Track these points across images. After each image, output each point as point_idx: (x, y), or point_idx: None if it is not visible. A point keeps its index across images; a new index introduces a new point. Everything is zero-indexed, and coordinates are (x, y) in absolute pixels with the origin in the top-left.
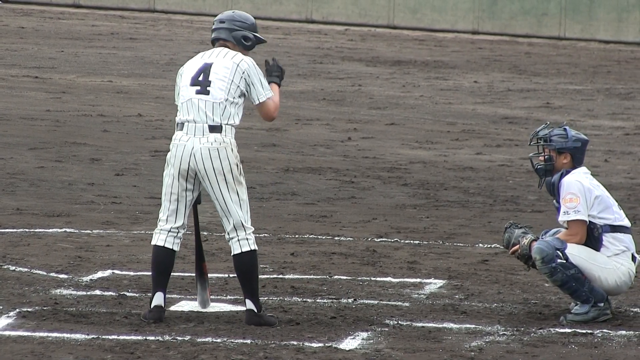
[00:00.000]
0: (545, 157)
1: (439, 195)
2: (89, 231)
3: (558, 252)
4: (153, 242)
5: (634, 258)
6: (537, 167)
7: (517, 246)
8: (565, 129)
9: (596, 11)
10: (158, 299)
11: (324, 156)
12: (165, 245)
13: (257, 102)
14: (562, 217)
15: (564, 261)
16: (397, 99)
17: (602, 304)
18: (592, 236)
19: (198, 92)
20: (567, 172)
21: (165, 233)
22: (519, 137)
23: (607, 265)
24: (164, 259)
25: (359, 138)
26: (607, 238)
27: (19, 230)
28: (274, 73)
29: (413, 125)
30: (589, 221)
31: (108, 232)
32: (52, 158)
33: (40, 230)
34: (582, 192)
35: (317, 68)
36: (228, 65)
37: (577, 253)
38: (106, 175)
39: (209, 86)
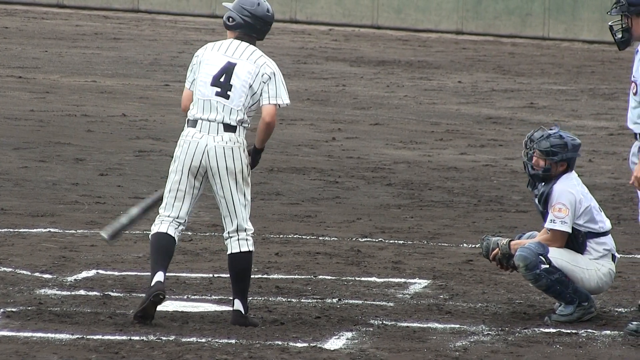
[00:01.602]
0: (545, 167)
1: (423, 195)
2: (73, 231)
3: (541, 257)
4: (152, 231)
5: (613, 257)
6: (533, 174)
7: (497, 250)
8: (561, 136)
9: (580, 11)
10: (159, 276)
11: (308, 156)
12: (168, 232)
13: (266, 102)
14: (548, 225)
15: (548, 266)
16: (381, 99)
17: (586, 303)
18: (576, 242)
19: (218, 94)
20: (559, 177)
21: (168, 222)
22: (503, 137)
23: (589, 266)
24: (165, 241)
25: (343, 138)
26: (591, 244)
27: (3, 230)
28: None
29: (397, 126)
30: (574, 228)
31: (92, 232)
32: (36, 158)
33: (25, 230)
34: (572, 204)
35: (301, 68)
36: (251, 70)
37: (559, 256)
38: (90, 175)
39: (230, 90)
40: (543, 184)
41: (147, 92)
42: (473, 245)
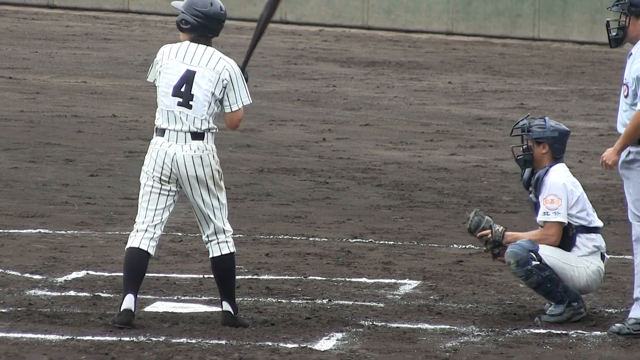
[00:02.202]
0: (524, 147)
1: (413, 196)
2: (63, 232)
3: (531, 253)
4: (127, 245)
5: (603, 257)
6: (517, 158)
7: (488, 231)
8: (544, 119)
9: (570, 12)
10: (128, 301)
11: (299, 157)
12: (140, 247)
13: (229, 110)
14: (541, 217)
15: (539, 263)
16: (372, 99)
17: (575, 304)
18: (566, 236)
19: (180, 104)
20: (551, 167)
21: (142, 234)
22: (493, 138)
23: (579, 264)
24: (137, 260)
25: (333, 139)
26: (581, 239)
27: None
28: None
29: (387, 126)
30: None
31: (82, 233)
32: (26, 159)
33: (15, 230)
34: (564, 193)
35: (292, 69)
36: (212, 77)
37: (550, 253)
38: (80, 176)
39: (192, 100)
40: (537, 174)
41: (137, 93)
42: (463, 246)
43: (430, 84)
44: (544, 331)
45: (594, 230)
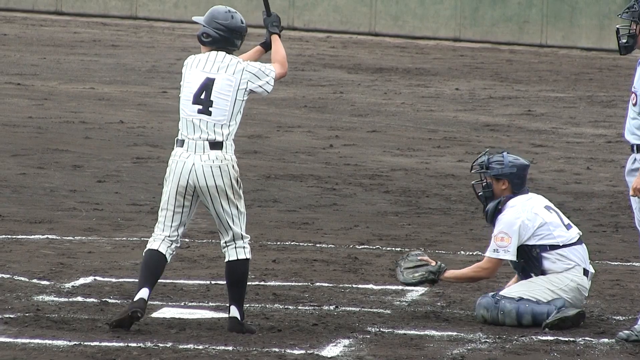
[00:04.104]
0: (484, 184)
1: (420, 203)
2: (71, 238)
3: (494, 297)
4: (146, 248)
5: (586, 272)
6: (478, 195)
7: (433, 261)
8: (502, 155)
9: (578, 18)
10: (143, 292)
11: (306, 163)
12: (159, 249)
13: (270, 90)
14: (489, 253)
15: (503, 296)
16: (379, 106)
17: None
18: (530, 256)
19: (200, 112)
20: (507, 199)
21: (160, 240)
22: (501, 145)
23: (550, 287)
24: (155, 260)
25: (340, 145)
26: (551, 256)
27: (1, 236)
28: (274, 23)
29: (394, 133)
30: (525, 245)
31: (90, 239)
32: (34, 165)
33: (23, 236)
34: (516, 232)
35: (299, 75)
36: (230, 83)
37: (511, 291)
38: (88, 182)
39: (211, 106)
40: (487, 208)
41: (145, 99)
42: (470, 253)
43: (438, 91)
44: (552, 338)
45: (564, 246)
